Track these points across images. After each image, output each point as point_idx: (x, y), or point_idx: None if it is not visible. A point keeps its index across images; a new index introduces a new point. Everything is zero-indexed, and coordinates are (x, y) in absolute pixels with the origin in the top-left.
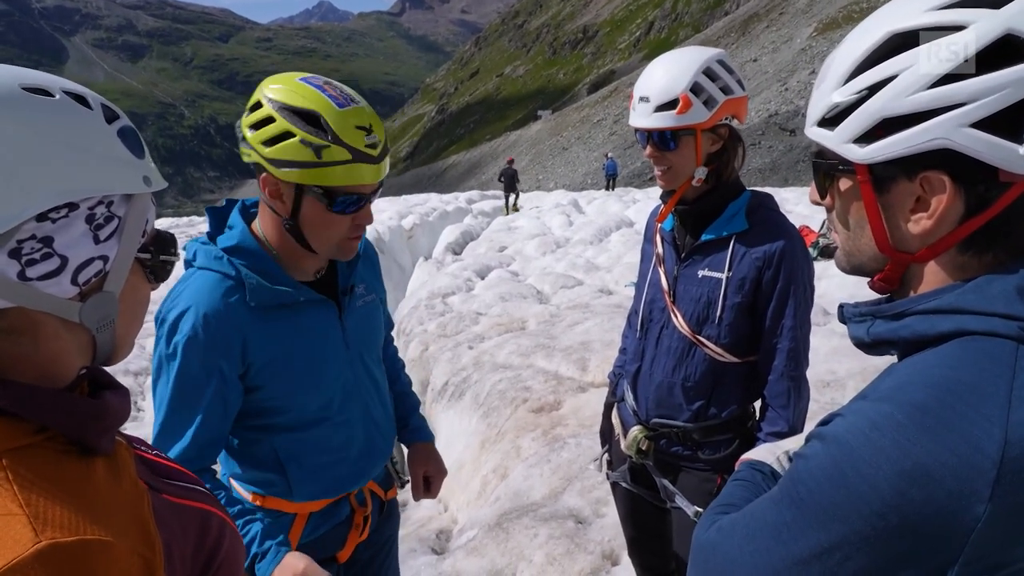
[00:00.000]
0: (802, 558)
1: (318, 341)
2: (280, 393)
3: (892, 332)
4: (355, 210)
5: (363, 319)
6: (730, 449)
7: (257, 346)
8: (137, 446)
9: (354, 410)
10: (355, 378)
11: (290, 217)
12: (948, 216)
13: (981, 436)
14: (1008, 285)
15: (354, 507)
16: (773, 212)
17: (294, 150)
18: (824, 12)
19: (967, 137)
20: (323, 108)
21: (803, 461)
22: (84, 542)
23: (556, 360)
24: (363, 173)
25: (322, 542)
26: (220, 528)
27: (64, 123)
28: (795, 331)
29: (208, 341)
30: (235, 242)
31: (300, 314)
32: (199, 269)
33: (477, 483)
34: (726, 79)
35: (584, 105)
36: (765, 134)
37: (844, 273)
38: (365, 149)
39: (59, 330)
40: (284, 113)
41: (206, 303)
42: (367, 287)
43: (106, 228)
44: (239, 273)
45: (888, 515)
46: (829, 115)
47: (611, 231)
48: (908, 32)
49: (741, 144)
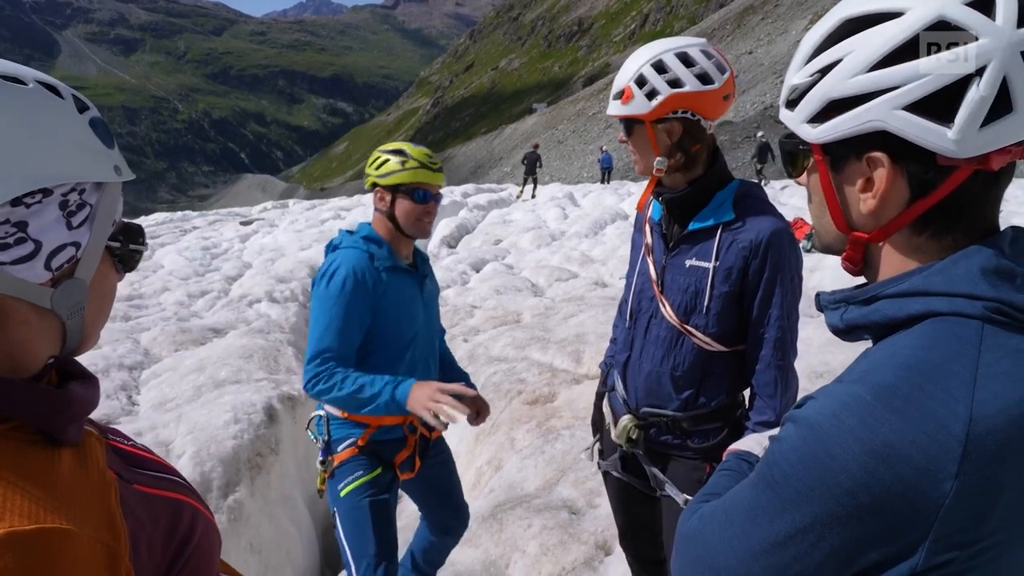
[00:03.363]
0: (777, 540)
1: (409, 296)
2: (386, 324)
3: (864, 317)
4: (425, 201)
5: (430, 297)
6: (719, 438)
7: (380, 292)
8: (112, 437)
9: (420, 354)
10: (425, 332)
11: (389, 209)
12: (891, 197)
13: (947, 414)
14: (972, 266)
15: (406, 433)
16: (760, 201)
17: (391, 166)
18: (819, 4)
19: (899, 120)
20: (404, 146)
21: (777, 444)
22: (43, 530)
23: (551, 352)
24: (427, 175)
25: (384, 445)
26: (193, 518)
27: (38, 111)
28: (782, 320)
29: (355, 285)
30: (366, 233)
31: (401, 279)
32: (344, 248)
33: (471, 475)
34: (679, 73)
35: (579, 98)
36: (760, 126)
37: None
38: (428, 162)
39: (29, 316)
40: (384, 151)
41: (354, 264)
42: (431, 280)
43: (78, 215)
44: (369, 249)
45: (858, 494)
46: (791, 97)
47: (606, 224)
48: (858, 18)
49: (705, 138)
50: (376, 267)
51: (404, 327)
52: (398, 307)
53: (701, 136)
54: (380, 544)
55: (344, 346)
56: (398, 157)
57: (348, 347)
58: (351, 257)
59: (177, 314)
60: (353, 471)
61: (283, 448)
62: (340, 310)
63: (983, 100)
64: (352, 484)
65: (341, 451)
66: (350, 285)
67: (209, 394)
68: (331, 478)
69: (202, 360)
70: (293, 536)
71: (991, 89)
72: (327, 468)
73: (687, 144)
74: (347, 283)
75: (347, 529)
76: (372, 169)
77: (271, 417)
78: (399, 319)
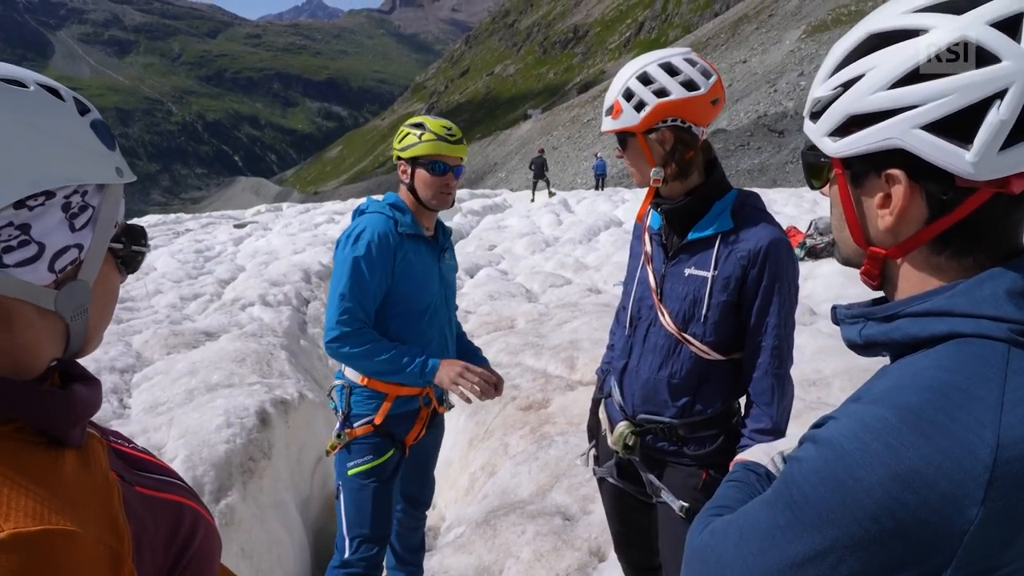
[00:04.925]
0: (796, 561)
1: (427, 264)
2: (404, 288)
3: (884, 334)
4: (442, 173)
5: (448, 270)
6: (715, 445)
7: (400, 257)
8: (113, 439)
9: (436, 326)
10: (441, 302)
11: (410, 181)
12: (909, 215)
13: (974, 439)
14: (998, 288)
15: (420, 405)
16: (758, 211)
17: (410, 139)
18: (814, 15)
19: (917, 139)
20: (423, 119)
21: (797, 464)
22: (48, 531)
23: (545, 358)
24: (444, 147)
25: (399, 421)
26: (194, 521)
27: (40, 113)
28: (779, 329)
29: (378, 247)
30: (392, 200)
31: (421, 246)
32: (370, 213)
33: (465, 480)
34: (664, 82)
35: (574, 105)
36: (754, 135)
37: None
38: (445, 135)
39: (33, 319)
40: (407, 126)
41: (377, 227)
42: (451, 256)
43: (81, 217)
44: (394, 215)
45: (881, 518)
46: (815, 109)
47: (600, 230)
48: (883, 33)
49: (696, 144)
50: (400, 232)
51: (420, 295)
52: (415, 274)
53: (694, 143)
54: (375, 528)
55: (367, 306)
56: (417, 130)
57: (370, 307)
58: (376, 221)
59: (169, 317)
60: (364, 453)
61: (276, 452)
62: (363, 271)
63: (1003, 124)
64: (361, 467)
65: (357, 427)
66: (375, 248)
67: (201, 398)
68: (343, 450)
69: (194, 363)
70: (285, 541)
71: (1012, 112)
72: (341, 440)
73: (680, 152)
74: (372, 246)
75: (348, 506)
76: (396, 143)
77: (264, 421)
78: (416, 286)
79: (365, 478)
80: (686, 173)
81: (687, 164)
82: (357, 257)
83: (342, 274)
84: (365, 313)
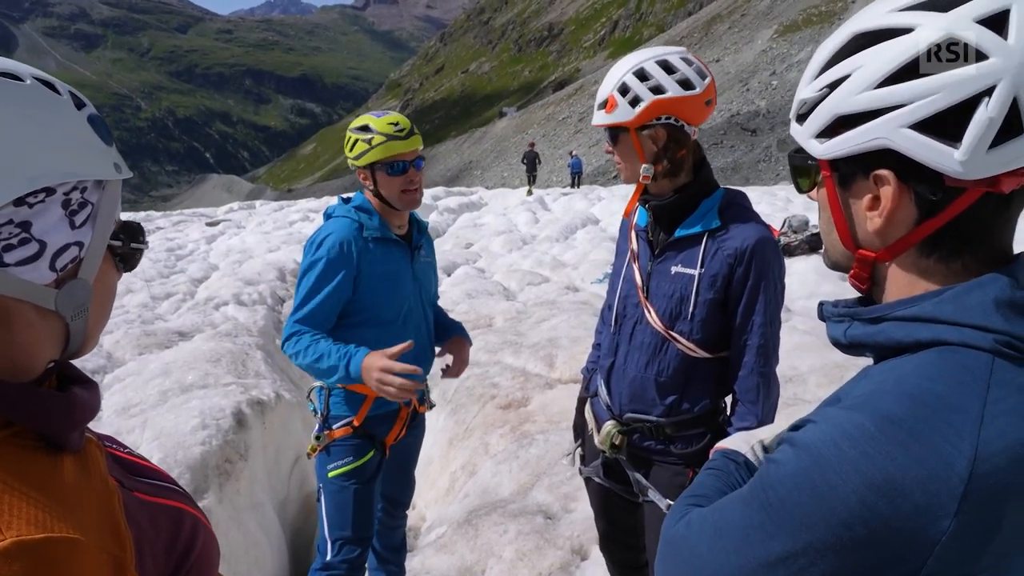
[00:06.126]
0: (768, 561)
1: (398, 268)
2: (372, 295)
3: (869, 336)
4: (403, 171)
5: (423, 268)
6: (702, 443)
7: (366, 262)
8: (109, 444)
9: (412, 329)
10: (416, 303)
11: (374, 187)
12: (898, 216)
13: (951, 451)
14: (986, 296)
15: (400, 405)
16: (745, 210)
17: (360, 147)
18: (785, 15)
19: (905, 138)
20: (367, 120)
21: (774, 466)
22: (51, 539)
23: (523, 357)
24: (398, 145)
25: (378, 422)
26: (194, 526)
27: (37, 108)
28: (765, 327)
29: (340, 253)
30: (358, 204)
31: (390, 249)
32: (337, 217)
33: (445, 480)
34: (660, 79)
35: (549, 103)
36: (727, 134)
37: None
38: (394, 133)
39: (33, 319)
40: (352, 132)
41: (343, 233)
42: (427, 252)
43: (80, 214)
44: (360, 219)
45: (854, 526)
46: (801, 111)
47: (577, 228)
48: (869, 33)
49: (688, 143)
50: (364, 237)
51: (392, 298)
52: (384, 278)
53: (686, 142)
54: (356, 530)
55: (321, 312)
56: (365, 135)
57: (326, 313)
58: (340, 227)
59: (141, 316)
60: (344, 455)
61: (252, 454)
62: (321, 277)
63: (991, 121)
64: (341, 469)
65: (336, 428)
66: (335, 254)
67: (175, 399)
68: (323, 452)
69: (168, 364)
70: (262, 543)
71: (1000, 110)
72: (321, 442)
73: (672, 150)
74: (332, 251)
75: (329, 508)
76: (347, 151)
77: (240, 422)
78: (386, 290)
79: (346, 480)
80: (676, 171)
81: (678, 162)
82: (316, 262)
83: (304, 280)
84: (320, 319)
